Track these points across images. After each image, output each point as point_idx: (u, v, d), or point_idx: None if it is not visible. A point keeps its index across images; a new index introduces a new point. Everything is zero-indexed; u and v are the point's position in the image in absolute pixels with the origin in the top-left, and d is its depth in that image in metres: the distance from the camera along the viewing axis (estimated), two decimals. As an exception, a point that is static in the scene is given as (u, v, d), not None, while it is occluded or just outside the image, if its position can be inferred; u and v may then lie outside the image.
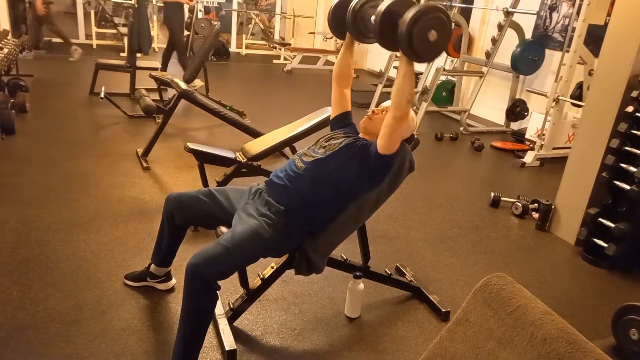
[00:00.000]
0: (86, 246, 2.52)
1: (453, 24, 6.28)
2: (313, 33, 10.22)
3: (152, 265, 2.18)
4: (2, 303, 2.03)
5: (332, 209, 1.89)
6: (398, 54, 1.77)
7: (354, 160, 1.88)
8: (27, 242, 2.50)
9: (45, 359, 1.77)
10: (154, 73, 4.75)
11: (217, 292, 1.68)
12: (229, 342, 1.88)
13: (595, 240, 2.90)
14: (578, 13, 4.32)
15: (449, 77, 6.69)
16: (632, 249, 2.80)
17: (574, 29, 4.35)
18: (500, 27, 5.50)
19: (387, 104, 2.04)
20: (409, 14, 1.58)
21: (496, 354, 1.03)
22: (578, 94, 4.77)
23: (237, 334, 1.99)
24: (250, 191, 1.99)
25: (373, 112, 2.02)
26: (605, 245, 2.83)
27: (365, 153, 1.88)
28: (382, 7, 1.68)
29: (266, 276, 2.01)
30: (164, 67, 6.41)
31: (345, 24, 1.94)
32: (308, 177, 1.87)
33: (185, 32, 8.72)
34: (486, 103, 6.33)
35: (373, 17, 1.74)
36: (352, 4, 1.88)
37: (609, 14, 4.02)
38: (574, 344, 0.93)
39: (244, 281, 1.98)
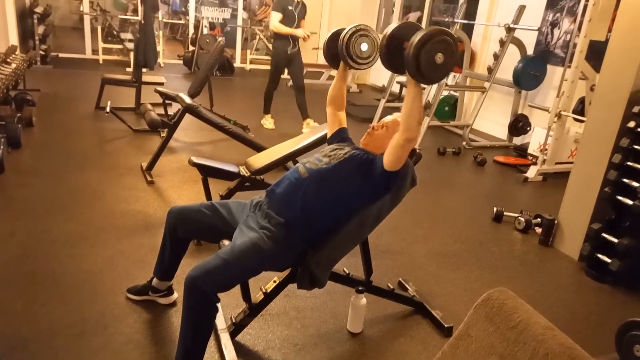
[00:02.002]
0: (91, 260, 2.53)
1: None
2: (317, 49, 10.31)
3: (154, 279, 2.18)
4: (7, 316, 2.04)
5: (331, 220, 1.89)
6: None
7: (358, 172, 1.90)
8: (34, 255, 2.52)
9: (48, 372, 1.77)
10: (159, 88, 4.81)
11: (218, 304, 1.68)
12: (231, 357, 1.88)
13: (599, 255, 2.89)
14: (579, 29, 4.36)
15: (452, 92, 6.72)
16: (636, 265, 2.78)
17: (575, 45, 4.38)
18: (502, 43, 5.55)
19: (387, 119, 2.07)
20: (416, 38, 1.63)
21: (498, 370, 1.03)
22: (580, 109, 4.79)
23: (239, 348, 1.99)
24: (252, 204, 2.00)
25: (373, 128, 2.04)
26: (608, 260, 2.82)
27: (371, 167, 1.89)
28: (388, 31, 1.78)
29: (269, 290, 2.01)
30: (266, 109, 5.67)
31: (338, 55, 2.13)
32: (311, 184, 1.88)
33: (191, 48, 8.85)
34: (489, 118, 6.36)
35: (364, 45, 2.06)
36: (342, 34, 2.08)
37: (609, 30, 4.06)
38: (576, 359, 0.93)
39: (246, 295, 1.98)
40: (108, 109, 4.22)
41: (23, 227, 2.79)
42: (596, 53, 4.14)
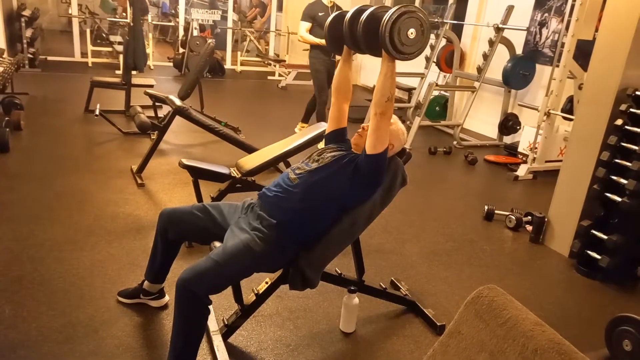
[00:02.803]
0: (80, 263, 2.51)
1: (445, 40, 6.41)
2: (307, 50, 10.32)
3: (146, 282, 2.17)
4: (-6, 322, 2.02)
5: (324, 221, 1.90)
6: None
7: (346, 172, 1.90)
8: (20, 260, 2.49)
9: (37, 378, 1.75)
10: (149, 90, 4.78)
11: (209, 306, 1.68)
12: (224, 359, 1.87)
13: (589, 252, 2.92)
14: (567, 29, 4.40)
15: (442, 92, 6.76)
16: (625, 261, 2.81)
17: (563, 44, 4.42)
18: (491, 43, 5.58)
19: None
20: (389, 14, 1.70)
21: (488, 366, 1.03)
22: (569, 108, 4.84)
23: (232, 350, 1.98)
24: (243, 206, 2.00)
25: (363, 128, 2.05)
26: (598, 257, 2.84)
27: (356, 162, 1.90)
28: (366, 13, 1.82)
29: (261, 292, 2.00)
30: (305, 119, 5.31)
31: (341, 38, 2.01)
32: (301, 189, 1.88)
33: (181, 50, 8.81)
34: (479, 117, 6.40)
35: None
36: (347, 16, 1.94)
37: (597, 30, 4.10)
38: (565, 354, 0.93)
39: (238, 297, 1.97)
40: (97, 112, 4.19)
41: (10, 231, 2.76)
42: (584, 52, 4.18)
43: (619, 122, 2.90)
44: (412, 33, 1.72)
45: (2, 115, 4.62)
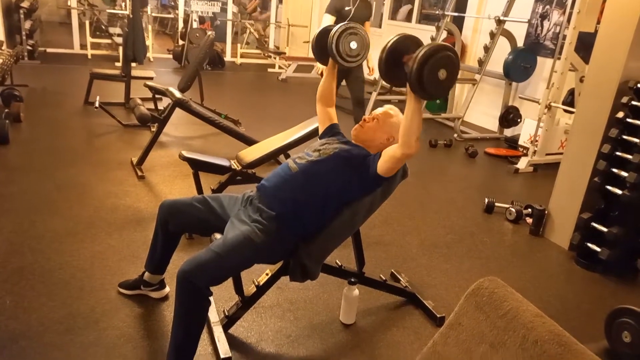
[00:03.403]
0: (80, 255, 2.51)
1: (446, 33, 6.38)
2: (307, 42, 10.28)
3: (146, 273, 2.17)
4: (-5, 313, 2.02)
5: (323, 213, 1.89)
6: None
7: (348, 167, 1.90)
8: (21, 251, 2.49)
9: (38, 368, 1.76)
10: (148, 82, 4.76)
11: (210, 298, 1.68)
12: (224, 350, 1.88)
13: (589, 244, 2.92)
14: (569, 21, 4.38)
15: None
16: (625, 253, 2.81)
17: (564, 37, 4.40)
18: (493, 35, 5.55)
19: (378, 111, 2.07)
20: (420, 53, 1.61)
21: (488, 357, 1.03)
22: (570, 101, 4.82)
23: (232, 341, 1.99)
24: (243, 198, 1.99)
25: (364, 120, 2.04)
26: (598, 249, 2.84)
27: (362, 165, 1.89)
28: (388, 44, 1.78)
29: (261, 283, 2.01)
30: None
31: (327, 51, 2.15)
32: (300, 179, 1.88)
33: (180, 42, 8.78)
34: (479, 110, 6.38)
35: (353, 43, 2.10)
36: (332, 31, 2.10)
37: (598, 22, 4.08)
38: (565, 346, 0.93)
39: (238, 288, 1.98)
40: (97, 104, 4.18)
41: (10, 223, 2.76)
42: (585, 45, 4.16)
43: (620, 114, 2.89)
44: (442, 74, 1.64)
45: (2, 107, 4.61)
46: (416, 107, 1.70)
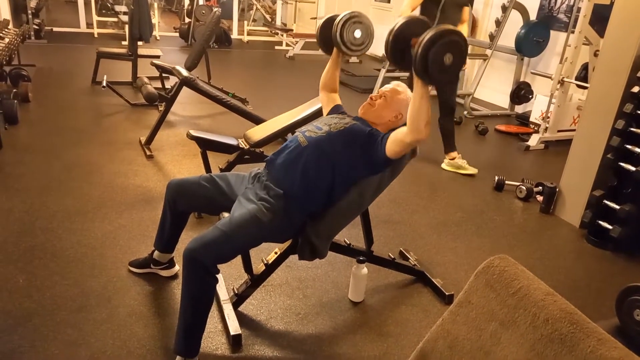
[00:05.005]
0: (91, 234, 2.54)
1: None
2: (315, 18, 10.12)
3: (156, 252, 2.19)
4: (9, 291, 2.05)
5: (331, 191, 1.88)
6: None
7: (358, 144, 1.88)
8: (32, 231, 2.52)
9: (52, 345, 1.79)
10: (155, 61, 4.73)
11: (217, 276, 1.68)
12: (234, 327, 1.90)
13: (600, 222, 2.89)
14: (583, -7, 4.25)
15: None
16: (637, 231, 2.78)
17: (579, 9, 4.28)
18: (504, 9, 5.42)
19: (386, 88, 2.04)
20: (425, 37, 1.56)
21: (498, 336, 1.03)
22: (583, 76, 4.71)
23: (242, 318, 2.01)
24: (250, 176, 1.99)
25: (371, 98, 2.01)
26: (610, 227, 2.81)
27: (372, 144, 1.86)
28: (395, 27, 1.73)
29: (270, 262, 2.01)
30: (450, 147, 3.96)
31: (331, 41, 2.14)
32: (310, 153, 1.86)
33: (187, 20, 8.69)
34: (490, 86, 6.27)
35: (357, 31, 2.11)
36: (336, 20, 2.10)
37: (615, -7, 3.95)
38: (577, 324, 0.92)
39: (248, 267, 1.99)
40: (104, 83, 4.16)
41: (21, 203, 2.79)
42: (600, 17, 4.05)
43: (636, 89, 2.82)
44: (448, 59, 1.58)
45: (10, 87, 4.61)
46: (424, 92, 1.66)
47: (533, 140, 4.65)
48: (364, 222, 2.29)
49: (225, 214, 1.89)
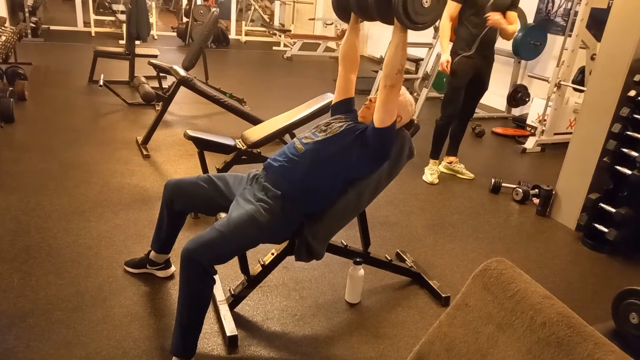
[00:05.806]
0: (87, 234, 2.52)
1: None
2: (313, 19, 10.13)
3: (152, 252, 2.18)
4: (3, 290, 2.04)
5: (329, 193, 1.88)
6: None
7: (355, 144, 1.88)
8: (28, 230, 2.51)
9: (47, 345, 1.78)
10: (153, 60, 4.72)
11: (214, 276, 1.68)
12: (230, 328, 1.90)
13: (596, 225, 2.90)
14: (581, -4, 4.27)
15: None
16: (633, 234, 2.79)
17: (576, 13, 4.30)
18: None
19: None
20: None
21: (495, 338, 1.03)
22: (580, 79, 4.74)
23: (238, 319, 2.00)
24: (249, 177, 1.98)
25: (370, 100, 2.01)
26: (606, 230, 2.82)
27: (364, 135, 1.87)
28: None
29: (267, 263, 2.01)
30: (434, 152, 3.79)
31: (348, 5, 1.93)
32: (308, 159, 1.86)
33: (185, 19, 8.67)
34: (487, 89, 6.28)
35: None
36: None
37: (612, -3, 3.97)
38: (574, 327, 0.92)
39: (244, 267, 1.98)
40: (101, 83, 4.15)
41: (17, 202, 2.77)
42: (597, 21, 4.06)
43: (632, 93, 2.83)
44: (427, 1, 1.64)
45: (6, 85, 4.60)
46: (400, 39, 1.74)
47: (530, 143, 4.66)
48: (361, 223, 2.29)
49: (223, 215, 1.88)
